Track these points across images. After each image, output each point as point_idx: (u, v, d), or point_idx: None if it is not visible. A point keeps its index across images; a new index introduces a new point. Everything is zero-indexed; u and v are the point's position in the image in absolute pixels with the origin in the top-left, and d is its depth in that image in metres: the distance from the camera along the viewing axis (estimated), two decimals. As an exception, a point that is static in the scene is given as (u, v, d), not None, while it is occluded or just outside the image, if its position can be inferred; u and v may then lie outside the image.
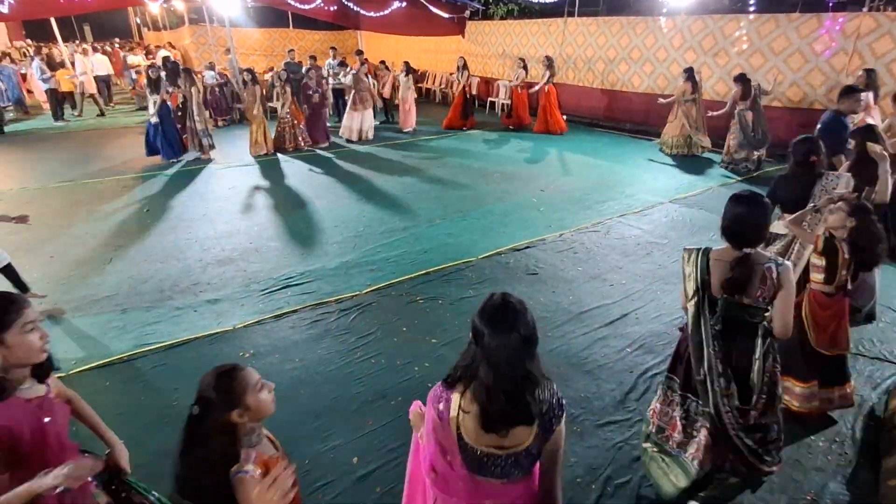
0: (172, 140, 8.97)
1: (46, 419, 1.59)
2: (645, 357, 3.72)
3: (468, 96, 12.08)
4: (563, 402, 1.50)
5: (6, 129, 11.57)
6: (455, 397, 1.48)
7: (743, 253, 2.18)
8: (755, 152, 8.15)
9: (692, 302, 2.30)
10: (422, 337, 3.97)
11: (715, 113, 8.24)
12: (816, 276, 2.94)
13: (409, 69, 11.48)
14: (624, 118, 11.47)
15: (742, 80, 7.89)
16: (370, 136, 10.80)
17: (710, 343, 2.26)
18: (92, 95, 13.76)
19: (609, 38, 11.40)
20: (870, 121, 5.69)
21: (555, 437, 1.49)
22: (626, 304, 4.43)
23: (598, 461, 2.83)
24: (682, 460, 2.45)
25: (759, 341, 2.25)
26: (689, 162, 8.91)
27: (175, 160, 9.05)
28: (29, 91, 15.02)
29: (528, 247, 5.54)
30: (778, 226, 3.54)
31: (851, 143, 4.07)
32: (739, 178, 7.93)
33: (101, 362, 3.67)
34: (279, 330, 4.04)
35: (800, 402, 3.03)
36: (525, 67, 11.24)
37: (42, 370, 1.62)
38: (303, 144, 9.97)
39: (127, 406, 3.25)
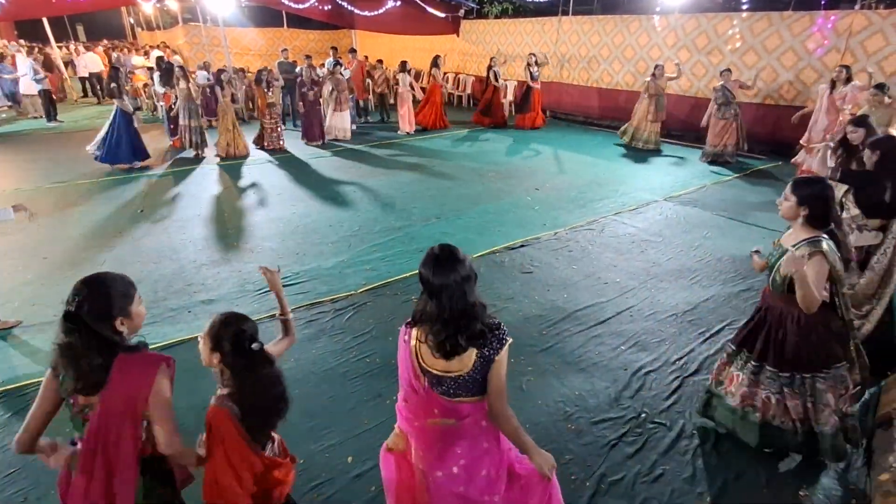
0: (125, 145, 8.50)
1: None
2: (639, 355, 3.74)
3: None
4: (506, 336, 1.74)
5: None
6: (413, 332, 1.82)
7: (816, 235, 2.36)
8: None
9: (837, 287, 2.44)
10: (417, 336, 3.97)
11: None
12: None
13: (405, 67, 11.47)
14: (619, 116, 11.48)
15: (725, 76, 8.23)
16: (348, 136, 10.82)
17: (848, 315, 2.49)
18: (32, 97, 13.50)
19: (603, 37, 11.43)
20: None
21: (495, 367, 1.72)
22: (620, 301, 4.45)
23: (593, 458, 2.84)
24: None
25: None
26: (684, 160, 8.95)
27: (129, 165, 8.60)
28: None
29: (522, 245, 5.55)
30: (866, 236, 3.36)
31: None
32: (735, 175, 7.97)
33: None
34: (274, 330, 4.03)
35: None
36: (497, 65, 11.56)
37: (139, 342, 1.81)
38: (277, 145, 9.91)
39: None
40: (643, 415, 3.15)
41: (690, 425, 3.06)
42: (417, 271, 1.75)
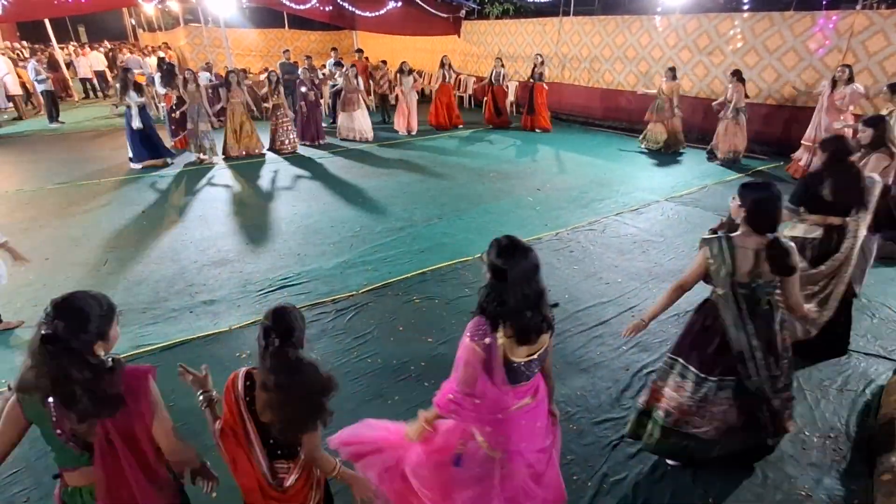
0: (147, 143, 8.69)
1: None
2: (640, 355, 3.73)
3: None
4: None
5: (1, 130, 11.52)
6: (499, 332, 1.81)
7: (773, 237, 2.30)
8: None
9: (722, 287, 2.41)
10: (418, 336, 3.97)
11: (718, 104, 8.50)
12: None
13: (409, 69, 11.46)
14: (620, 117, 11.50)
15: (739, 76, 8.03)
16: (369, 136, 10.75)
17: (747, 323, 2.40)
18: (13, 98, 13.61)
19: (604, 37, 11.42)
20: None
21: (550, 338, 1.93)
22: (621, 302, 4.45)
23: (595, 458, 2.84)
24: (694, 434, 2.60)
25: (776, 315, 2.43)
26: (685, 160, 8.94)
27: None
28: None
29: (524, 246, 5.54)
30: (800, 228, 3.44)
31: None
32: (737, 176, 7.96)
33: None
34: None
35: None
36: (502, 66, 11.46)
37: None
38: (290, 147, 9.90)
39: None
40: (645, 415, 3.15)
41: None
42: (490, 264, 1.81)
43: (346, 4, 13.38)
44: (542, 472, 2.10)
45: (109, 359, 1.59)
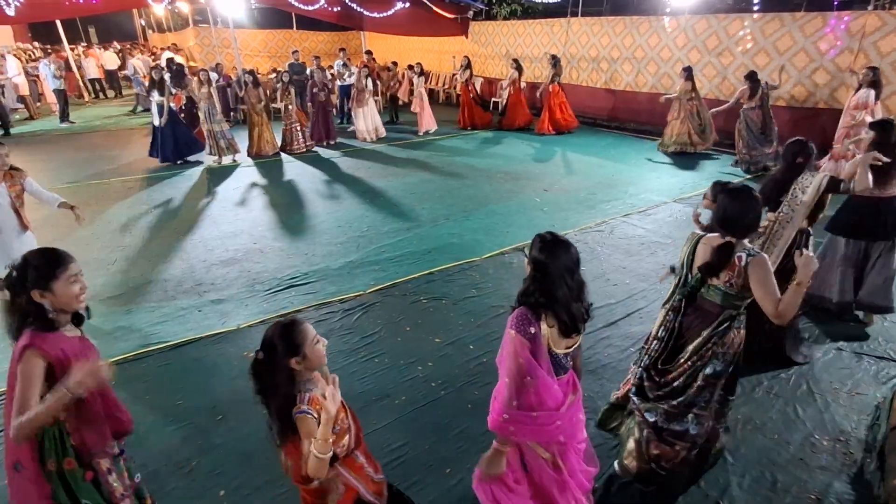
0: (174, 143, 8.87)
1: (89, 352, 1.88)
2: (649, 357, 3.71)
3: (473, 96, 12.09)
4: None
5: (13, 130, 11.64)
6: (543, 323, 1.87)
7: (726, 240, 2.26)
8: (767, 150, 8.13)
9: (675, 277, 2.54)
10: (425, 336, 3.97)
11: (716, 109, 8.34)
12: None
13: (418, 69, 11.49)
14: (628, 118, 11.46)
15: (752, 78, 7.89)
16: (382, 132, 10.91)
17: (667, 312, 2.52)
18: (24, 98, 13.78)
19: (613, 38, 11.38)
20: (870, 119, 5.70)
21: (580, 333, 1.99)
22: (629, 303, 4.43)
23: (602, 460, 2.81)
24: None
25: (715, 322, 2.36)
26: (693, 161, 8.89)
27: (176, 162, 8.97)
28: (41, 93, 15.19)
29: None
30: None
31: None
32: (748, 177, 7.91)
33: (107, 362, 3.68)
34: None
35: None
36: (519, 68, 11.25)
37: (78, 318, 1.92)
38: (303, 147, 9.95)
39: (132, 406, 3.26)
40: (652, 417, 3.13)
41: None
42: (533, 258, 1.86)
43: (354, 5, 13.40)
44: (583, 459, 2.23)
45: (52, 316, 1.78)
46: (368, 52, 13.96)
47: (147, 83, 8.62)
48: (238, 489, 2.66)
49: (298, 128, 9.86)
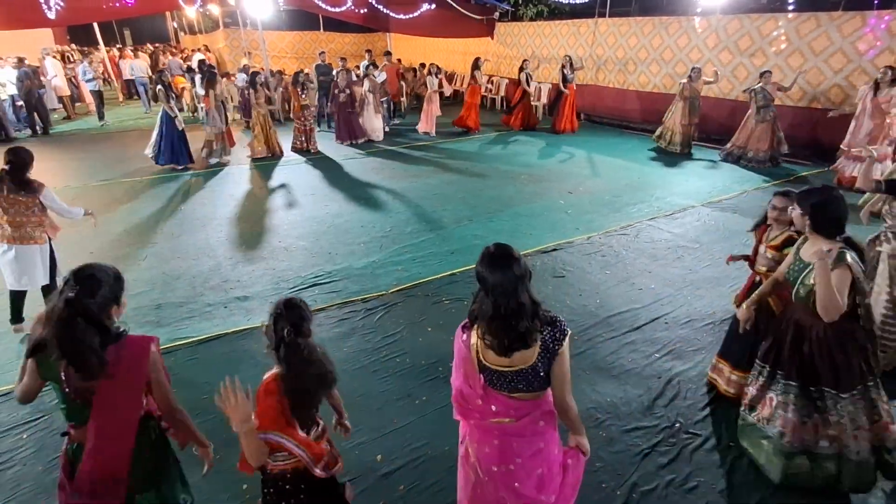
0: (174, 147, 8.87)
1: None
2: (674, 363, 3.64)
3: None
4: (566, 328, 1.80)
5: (52, 130, 12.05)
6: (473, 332, 1.85)
7: (844, 237, 2.38)
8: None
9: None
10: (447, 337, 3.96)
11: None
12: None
13: (431, 69, 11.48)
14: (656, 120, 11.24)
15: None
16: (375, 136, 10.94)
17: None
18: (63, 98, 14.14)
19: (641, 39, 11.23)
20: None
21: (559, 359, 1.78)
22: (655, 308, 4.35)
23: (625, 467, 2.78)
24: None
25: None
26: (725, 164, 8.70)
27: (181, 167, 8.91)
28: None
29: (554, 249, 5.49)
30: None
31: None
32: (777, 181, 7.71)
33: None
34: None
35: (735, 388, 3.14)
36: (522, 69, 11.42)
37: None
38: (311, 147, 10.04)
39: (160, 398, 3.35)
40: (677, 424, 3.07)
41: (727, 437, 2.96)
42: (476, 269, 1.81)
43: (380, 7, 13.50)
44: None
45: (119, 327, 1.84)
46: (387, 54, 14.00)
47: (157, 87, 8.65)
48: (259, 483, 2.69)
49: (312, 128, 9.99)
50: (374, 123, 10.87)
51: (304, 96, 9.88)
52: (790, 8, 9.44)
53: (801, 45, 8.66)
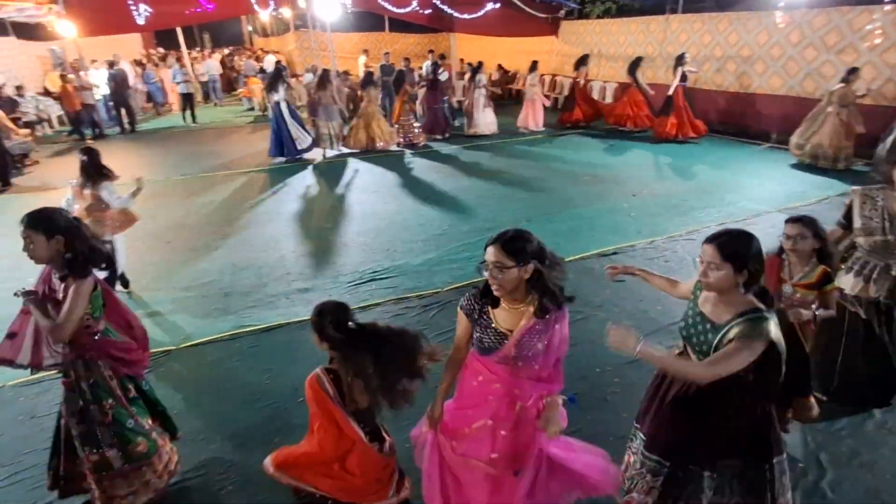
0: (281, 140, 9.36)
1: None
2: (740, 376, 3.44)
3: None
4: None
5: (138, 127, 12.98)
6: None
7: None
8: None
9: None
10: (500, 338, 3.94)
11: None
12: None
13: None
14: (732, 120, 10.68)
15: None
16: (488, 130, 11.23)
17: None
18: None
19: (715, 36, 10.68)
20: None
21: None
22: (721, 318, 4.13)
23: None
24: None
25: None
26: (804, 169, 8.12)
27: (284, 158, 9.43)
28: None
29: (615, 252, 5.33)
30: None
31: None
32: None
33: (205, 339, 4.01)
34: (363, 321, 4.19)
35: None
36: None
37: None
38: (382, 144, 10.21)
39: (223, 383, 3.53)
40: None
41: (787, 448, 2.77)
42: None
43: (444, 7, 13.59)
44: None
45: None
46: (442, 57, 13.94)
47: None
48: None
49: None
50: (486, 118, 11.17)
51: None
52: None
53: (900, 40, 7.93)
